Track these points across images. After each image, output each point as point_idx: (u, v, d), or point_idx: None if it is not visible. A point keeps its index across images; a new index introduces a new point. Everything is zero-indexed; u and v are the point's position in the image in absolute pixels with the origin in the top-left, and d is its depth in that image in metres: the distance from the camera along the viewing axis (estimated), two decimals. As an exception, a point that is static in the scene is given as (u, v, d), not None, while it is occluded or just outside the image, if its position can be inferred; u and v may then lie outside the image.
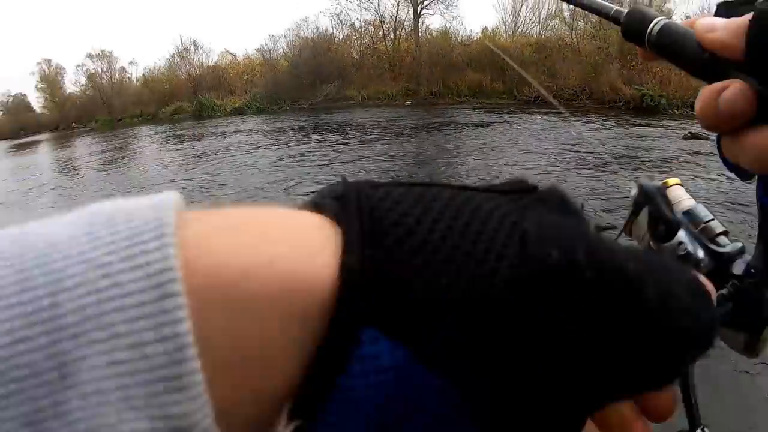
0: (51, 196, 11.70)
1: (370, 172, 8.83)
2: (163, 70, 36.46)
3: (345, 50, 27.07)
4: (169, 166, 13.15)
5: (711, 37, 0.27)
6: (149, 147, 18.80)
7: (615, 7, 0.33)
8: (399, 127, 14.03)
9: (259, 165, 11.02)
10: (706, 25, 0.27)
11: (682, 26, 0.29)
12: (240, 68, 30.57)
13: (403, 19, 26.60)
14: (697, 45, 0.28)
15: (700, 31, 0.27)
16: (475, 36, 24.75)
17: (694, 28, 0.28)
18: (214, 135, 17.99)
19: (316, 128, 15.84)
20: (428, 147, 10.70)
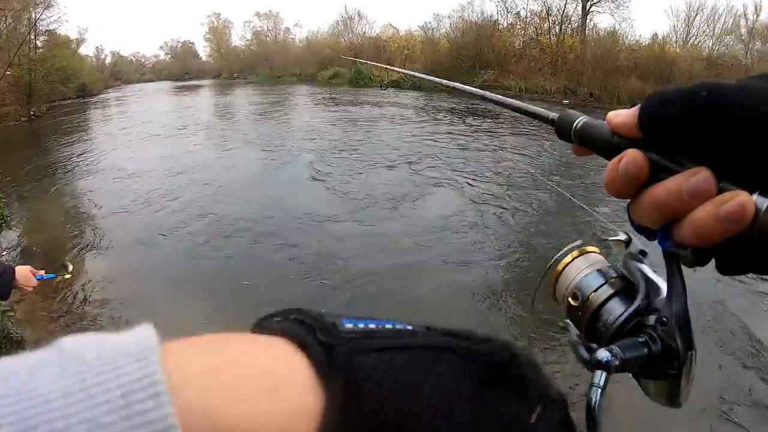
0: (203, 135, 14.98)
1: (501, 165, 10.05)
2: (325, 35, 43.70)
3: (507, 38, 30.30)
4: (317, 126, 15.60)
5: (615, 120, 0.40)
6: (303, 105, 23.57)
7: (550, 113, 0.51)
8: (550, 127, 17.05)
9: (401, 137, 12.85)
10: (614, 114, 0.41)
11: (599, 121, 0.43)
12: (401, 42, 36.16)
13: (570, 14, 29.12)
14: (609, 132, 0.41)
15: (610, 118, 0.41)
16: (644, 41, 26.50)
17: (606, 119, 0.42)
18: (368, 103, 21.99)
19: (467, 112, 17.94)
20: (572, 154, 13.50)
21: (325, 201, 8.00)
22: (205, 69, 63.07)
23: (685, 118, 0.36)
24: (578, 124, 0.45)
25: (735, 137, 0.34)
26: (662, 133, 0.37)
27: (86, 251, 6.12)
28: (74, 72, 30.91)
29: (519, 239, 6.43)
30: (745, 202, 0.33)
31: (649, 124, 0.38)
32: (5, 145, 14.54)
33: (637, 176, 0.38)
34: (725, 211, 0.33)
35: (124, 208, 7.82)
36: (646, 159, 0.37)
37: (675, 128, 0.36)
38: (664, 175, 0.37)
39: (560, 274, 0.57)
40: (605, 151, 0.42)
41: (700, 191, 0.34)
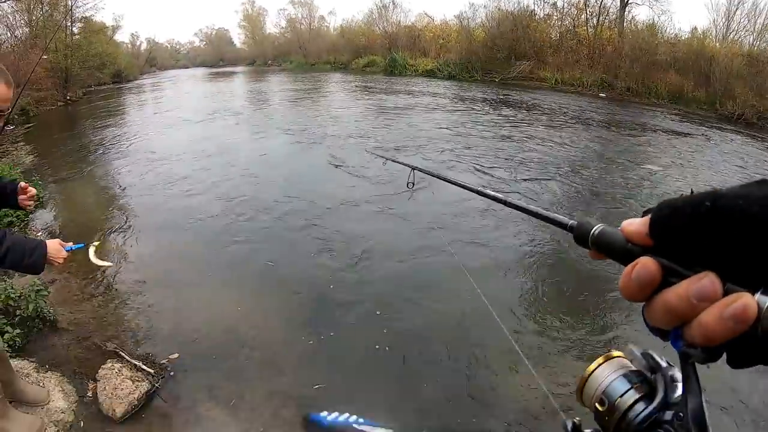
0: (235, 120, 15.20)
1: (540, 155, 10.03)
2: (360, 23, 43.90)
3: (544, 29, 30.08)
4: (350, 113, 15.68)
5: (629, 229, 0.44)
6: (336, 93, 23.65)
7: (570, 220, 0.56)
8: (587, 118, 15.25)
9: (435, 128, 12.82)
10: (627, 222, 0.45)
11: (614, 229, 0.47)
12: (436, 32, 36.06)
13: (608, 5, 28.51)
14: (623, 239, 0.45)
15: (624, 226, 0.45)
16: (683, 35, 26.06)
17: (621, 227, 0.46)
18: (402, 92, 21.99)
19: (503, 103, 17.95)
20: (612, 146, 11.49)
21: (349, 185, 8.09)
22: (239, 56, 64.14)
23: (692, 227, 0.39)
24: (595, 231, 0.51)
25: (738, 242, 0.36)
26: (671, 242, 0.41)
27: (118, 233, 6.27)
28: (110, 58, 31.70)
29: (536, 224, 6.38)
30: (748, 304, 0.35)
31: (659, 233, 0.42)
32: (42, 128, 14.96)
33: (650, 283, 0.41)
34: (729, 313, 0.36)
35: (154, 191, 7.99)
36: (658, 266, 0.41)
37: (683, 237, 0.40)
38: (675, 280, 0.40)
39: (587, 380, 0.61)
40: (620, 257, 0.46)
41: (706, 295, 0.37)
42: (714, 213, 0.38)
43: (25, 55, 18.74)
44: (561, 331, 4.19)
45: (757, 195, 0.37)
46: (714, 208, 0.38)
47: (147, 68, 53.39)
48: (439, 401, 3.38)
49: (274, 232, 6.27)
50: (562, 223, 0.60)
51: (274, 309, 4.52)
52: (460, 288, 4.73)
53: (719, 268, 0.38)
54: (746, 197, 0.37)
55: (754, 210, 0.36)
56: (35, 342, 3.87)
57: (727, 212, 0.37)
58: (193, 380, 3.51)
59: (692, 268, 0.39)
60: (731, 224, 0.37)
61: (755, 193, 0.37)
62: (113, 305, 4.54)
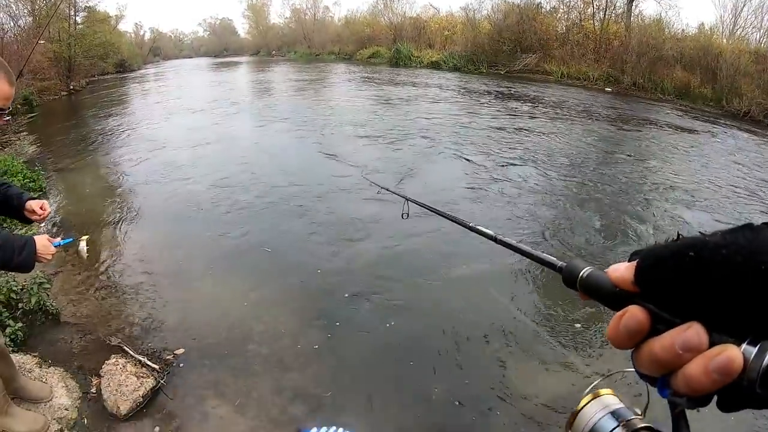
0: (237, 110, 15.21)
1: (546, 150, 9.87)
2: (365, 14, 43.72)
3: (550, 22, 29.71)
4: (355, 104, 15.67)
5: (615, 275, 0.45)
6: (340, 83, 23.56)
7: (559, 262, 0.58)
8: (592, 113, 15.10)
9: (438, 120, 12.74)
10: (614, 268, 0.45)
11: (601, 273, 0.48)
12: (441, 23, 35.79)
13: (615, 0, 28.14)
14: (611, 284, 0.45)
15: (610, 272, 0.46)
16: (690, 31, 25.78)
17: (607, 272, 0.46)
18: (406, 84, 21.86)
19: (508, 96, 17.87)
20: (617, 141, 11.42)
21: (349, 175, 8.01)
22: (243, 46, 64.04)
23: (676, 278, 0.39)
24: (583, 274, 0.51)
25: (722, 293, 0.37)
26: (656, 291, 0.41)
27: (121, 224, 6.22)
28: (113, 48, 31.52)
29: (531, 214, 6.31)
30: (733, 356, 0.36)
31: (644, 282, 0.42)
32: (45, 118, 14.90)
33: (637, 332, 0.42)
34: (714, 366, 0.36)
35: (158, 181, 7.95)
36: (647, 315, 0.41)
37: (667, 286, 0.40)
38: (662, 327, 0.41)
39: (576, 417, 0.61)
40: (607, 302, 0.47)
41: (692, 346, 0.38)
42: (698, 263, 0.38)
43: (29, 44, 18.64)
44: (553, 356, 4.09)
45: (740, 244, 0.37)
46: (698, 258, 0.38)
47: (150, 58, 53.31)
48: (445, 406, 3.30)
49: (280, 224, 6.22)
50: (552, 264, 0.61)
51: (281, 302, 4.46)
52: (473, 291, 4.67)
53: (705, 317, 0.38)
54: (729, 246, 0.38)
55: (737, 260, 0.37)
56: (37, 336, 3.81)
57: (711, 263, 0.38)
58: (199, 376, 3.45)
59: (679, 315, 0.40)
60: (715, 275, 0.37)
61: (739, 241, 0.38)
62: (117, 298, 4.48)
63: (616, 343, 0.43)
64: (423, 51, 33.10)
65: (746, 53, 20.41)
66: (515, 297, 4.64)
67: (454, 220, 1.10)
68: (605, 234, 6.13)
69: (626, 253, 0.46)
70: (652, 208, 7.09)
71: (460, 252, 5.37)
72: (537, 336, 4.08)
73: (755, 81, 18.06)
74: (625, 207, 7.09)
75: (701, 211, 7.14)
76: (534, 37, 28.26)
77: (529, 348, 3.90)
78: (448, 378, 3.52)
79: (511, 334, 4.04)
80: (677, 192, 7.88)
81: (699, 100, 20.05)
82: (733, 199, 7.71)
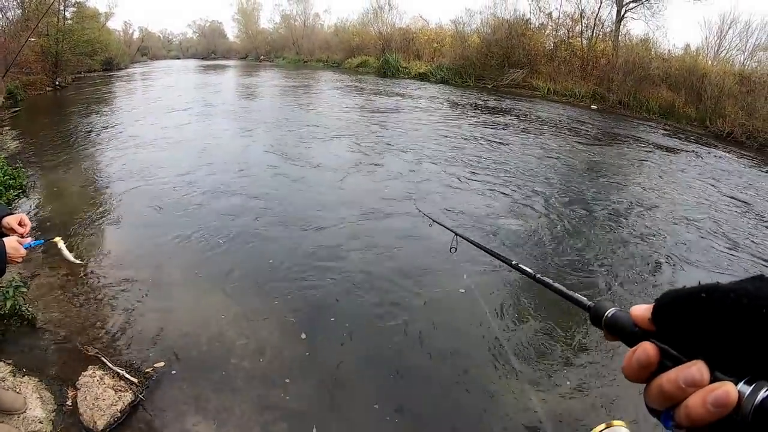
0: (223, 114, 15.08)
1: (530, 166, 9.91)
2: (355, 23, 43.72)
3: (539, 38, 29.92)
4: (341, 112, 15.71)
5: (636, 314, 0.49)
6: (328, 91, 23.39)
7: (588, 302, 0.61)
8: (578, 130, 15.28)
9: (424, 131, 12.83)
10: (636, 307, 0.49)
11: (625, 313, 0.51)
12: (430, 35, 35.95)
13: (604, 18, 28.58)
14: (631, 323, 0.49)
15: (632, 312, 0.49)
16: (676, 51, 26.28)
17: (630, 312, 0.50)
18: (394, 94, 21.86)
19: (494, 110, 17.93)
20: (602, 158, 11.55)
21: (340, 185, 7.95)
22: (231, 49, 63.96)
23: (688, 316, 0.43)
24: (608, 314, 0.55)
25: (727, 332, 0.41)
26: (671, 328, 0.45)
27: (101, 226, 6.08)
28: (101, 45, 31.23)
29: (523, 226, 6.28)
30: (729, 391, 0.39)
31: (660, 320, 0.47)
32: (29, 113, 14.64)
33: (647, 366, 0.45)
34: (712, 399, 0.39)
35: (140, 183, 7.78)
36: (657, 350, 0.45)
37: (680, 324, 0.44)
38: (670, 364, 0.44)
39: None
40: (626, 340, 0.51)
41: (694, 381, 0.41)
42: (707, 304, 0.42)
43: (17, 37, 18.34)
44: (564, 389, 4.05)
45: (748, 289, 0.41)
46: (708, 299, 0.42)
47: (138, 57, 52.89)
48: (429, 418, 3.23)
49: (265, 233, 6.10)
50: (582, 303, 0.64)
51: (264, 314, 4.35)
52: (464, 308, 4.61)
53: (710, 356, 0.42)
54: (738, 291, 0.42)
55: (743, 302, 0.41)
56: (12, 342, 3.67)
57: (719, 304, 0.42)
58: (180, 391, 3.34)
59: (688, 354, 0.43)
60: (722, 314, 0.41)
61: (747, 287, 0.42)
62: (95, 305, 4.34)
63: (629, 376, 0.47)
64: (411, 62, 33.17)
65: (731, 75, 20.82)
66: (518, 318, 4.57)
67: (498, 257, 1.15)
68: (582, 259, 6.10)
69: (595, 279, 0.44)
70: (631, 229, 7.11)
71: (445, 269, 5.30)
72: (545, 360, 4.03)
73: (739, 102, 18.42)
74: (607, 229, 7.09)
75: (687, 233, 7.17)
76: (522, 52, 28.43)
77: (541, 372, 3.84)
78: (441, 399, 3.45)
79: (515, 356, 3.97)
80: (661, 213, 7.93)
81: (683, 119, 20.39)
82: (720, 224, 7.74)
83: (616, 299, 4.99)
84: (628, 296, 5.05)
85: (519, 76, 27.55)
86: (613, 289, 5.22)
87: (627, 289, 5.24)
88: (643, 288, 5.26)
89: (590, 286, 5.25)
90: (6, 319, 3.78)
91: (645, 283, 5.41)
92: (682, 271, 5.84)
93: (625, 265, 5.85)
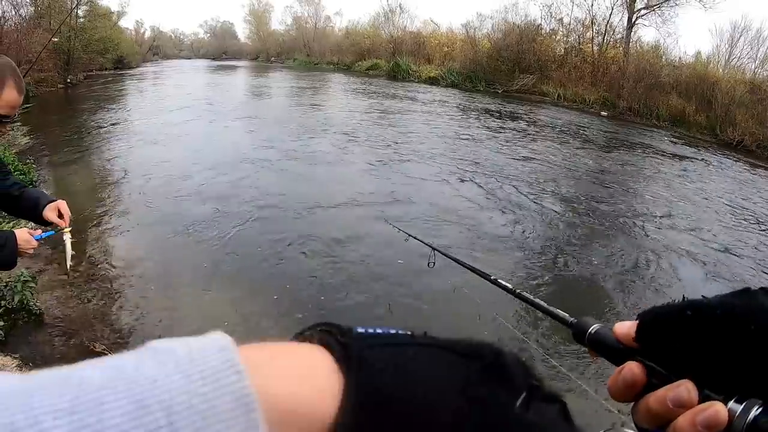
0: (234, 114, 15.01)
1: (534, 174, 9.77)
2: (366, 26, 43.72)
3: (549, 44, 29.85)
4: (350, 115, 15.64)
5: (620, 331, 0.47)
6: (338, 93, 23.49)
7: (570, 318, 0.59)
8: (587, 136, 15.27)
9: (433, 134, 12.88)
10: (619, 325, 0.48)
11: (608, 330, 0.50)
12: (441, 39, 35.73)
13: (615, 25, 28.40)
14: (615, 340, 0.48)
15: (615, 329, 0.48)
16: (687, 59, 26.10)
17: (613, 329, 0.49)
18: (403, 97, 21.71)
19: (504, 115, 17.82)
20: (611, 165, 11.43)
21: (354, 188, 7.93)
22: (242, 50, 64.22)
23: (674, 334, 0.42)
24: (591, 331, 0.53)
25: (714, 349, 0.40)
26: (656, 347, 0.44)
27: (110, 223, 6.08)
28: (113, 44, 31.37)
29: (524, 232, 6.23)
30: (719, 411, 0.38)
31: (644, 338, 0.45)
32: (40, 109, 14.70)
33: (633, 385, 0.44)
34: (701, 419, 0.39)
35: (150, 183, 7.78)
36: (643, 370, 0.44)
37: (666, 343, 0.43)
38: (657, 383, 0.43)
39: None
40: (611, 357, 0.50)
41: (683, 401, 0.40)
42: (693, 321, 0.41)
43: (29, 34, 18.44)
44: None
45: (734, 305, 0.40)
46: (694, 316, 0.41)
47: (150, 56, 53.09)
48: None
49: (275, 235, 6.06)
50: (564, 320, 0.62)
51: (274, 315, 4.33)
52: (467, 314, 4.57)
53: (698, 375, 0.41)
54: (724, 307, 0.41)
55: (730, 319, 0.40)
56: (19, 336, 3.67)
57: (706, 321, 0.41)
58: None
59: (675, 372, 0.42)
60: (708, 333, 0.40)
61: (734, 303, 0.41)
62: (102, 301, 4.34)
63: (615, 396, 0.45)
64: (422, 66, 32.96)
65: (741, 83, 20.62)
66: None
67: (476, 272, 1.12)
68: (588, 275, 6.04)
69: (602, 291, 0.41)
70: (641, 241, 7.03)
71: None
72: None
73: (749, 111, 18.20)
74: (615, 240, 7.02)
75: (694, 245, 7.07)
76: (533, 57, 28.30)
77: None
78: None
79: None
80: (671, 221, 7.88)
81: (693, 127, 20.14)
82: (728, 232, 7.67)
83: (614, 314, 4.93)
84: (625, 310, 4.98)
85: (529, 81, 27.38)
86: (612, 303, 5.16)
87: (623, 302, 5.17)
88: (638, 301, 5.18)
89: (590, 300, 5.20)
90: (14, 314, 3.78)
91: (642, 296, 5.35)
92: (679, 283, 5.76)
93: (624, 278, 5.77)
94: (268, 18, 61.87)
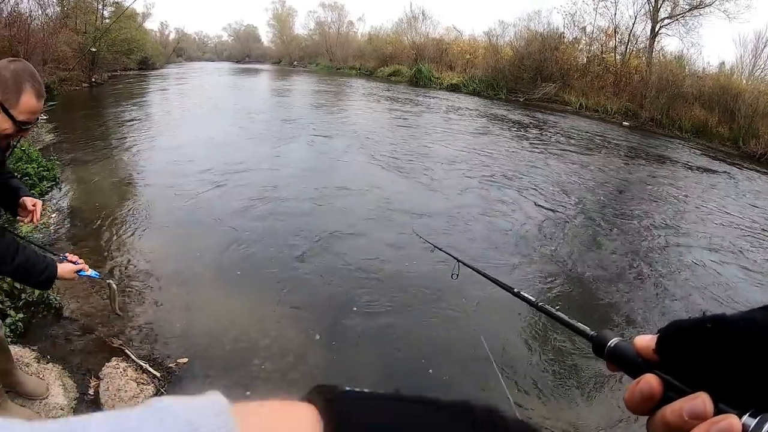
0: (257, 117, 15.05)
1: (562, 185, 9.63)
2: (388, 32, 43.90)
3: (572, 53, 29.68)
4: (372, 122, 15.53)
5: (640, 344, 0.48)
6: (360, 99, 23.37)
7: (590, 331, 0.60)
8: (609, 146, 15.19)
9: (454, 144, 12.67)
10: (640, 338, 0.48)
11: (628, 343, 0.51)
12: (463, 46, 35.75)
13: (638, 34, 28.32)
14: (635, 353, 0.48)
15: (635, 342, 0.48)
16: (711, 69, 25.78)
17: (633, 342, 0.49)
18: (425, 105, 21.69)
19: (526, 125, 17.82)
20: (632, 177, 11.37)
21: (382, 193, 7.93)
22: (265, 54, 64.73)
23: (694, 346, 0.43)
24: (611, 344, 0.53)
25: (733, 362, 0.40)
26: (675, 359, 0.45)
27: (131, 221, 6.10)
28: (138, 44, 31.69)
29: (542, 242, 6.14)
30: (733, 424, 0.38)
31: (664, 350, 0.46)
32: (65, 108, 14.88)
33: (650, 397, 0.44)
34: (715, 431, 0.39)
35: (172, 181, 7.81)
36: (660, 382, 0.44)
37: (685, 355, 0.44)
38: (674, 396, 0.43)
39: None
40: (630, 371, 0.50)
41: (698, 413, 0.40)
42: (714, 334, 0.42)
43: (55, 33, 18.75)
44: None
45: (756, 319, 0.41)
46: (714, 329, 0.42)
47: (174, 58, 53.78)
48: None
49: (295, 238, 6.02)
50: (584, 333, 0.62)
51: (290, 317, 4.31)
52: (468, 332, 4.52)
53: (714, 388, 0.41)
54: (746, 320, 0.41)
55: (751, 333, 0.40)
56: (38, 329, 3.69)
57: (726, 335, 0.41)
58: (201, 389, 3.24)
59: (692, 385, 0.43)
60: (729, 346, 0.41)
61: (755, 317, 0.41)
62: (121, 298, 4.33)
63: (631, 408, 0.46)
64: (444, 73, 33.01)
65: (765, 94, 20.38)
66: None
67: (499, 285, 1.11)
68: (611, 287, 5.95)
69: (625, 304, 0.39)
70: (664, 255, 6.92)
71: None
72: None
73: (774, 122, 17.77)
74: (638, 255, 6.92)
75: (718, 262, 6.93)
76: (555, 66, 28.13)
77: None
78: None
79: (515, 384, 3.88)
80: (695, 236, 7.76)
81: (716, 139, 19.95)
82: (752, 249, 7.51)
83: (634, 329, 4.84)
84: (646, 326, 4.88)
85: (551, 90, 27.22)
86: (632, 317, 5.06)
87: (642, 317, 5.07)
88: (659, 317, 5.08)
89: (612, 314, 5.11)
90: (33, 307, 3.80)
91: (663, 311, 5.24)
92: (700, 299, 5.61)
93: (644, 294, 5.65)
94: (292, 22, 62.45)
